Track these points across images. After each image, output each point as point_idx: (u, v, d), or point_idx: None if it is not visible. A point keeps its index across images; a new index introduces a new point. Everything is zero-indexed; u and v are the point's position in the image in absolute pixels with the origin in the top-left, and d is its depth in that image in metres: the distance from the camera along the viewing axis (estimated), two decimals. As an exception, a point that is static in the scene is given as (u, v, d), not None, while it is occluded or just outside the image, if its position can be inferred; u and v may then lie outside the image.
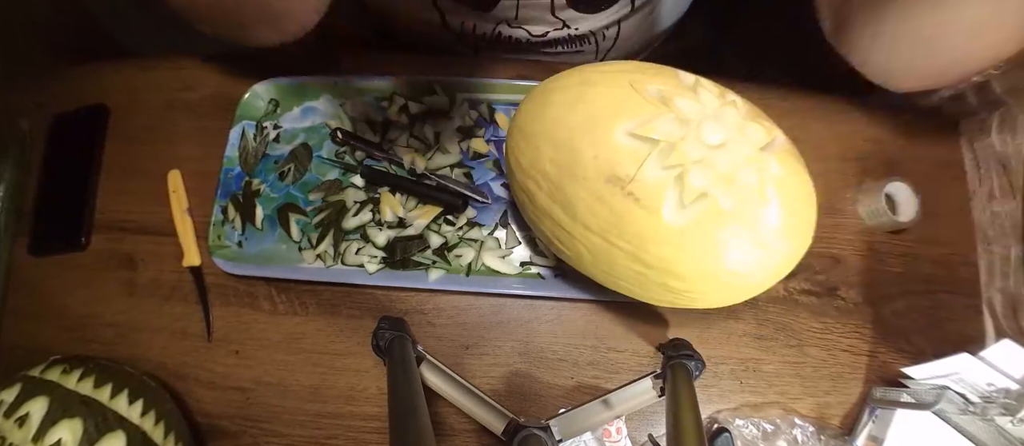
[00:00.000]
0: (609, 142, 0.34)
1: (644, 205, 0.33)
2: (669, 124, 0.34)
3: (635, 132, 0.34)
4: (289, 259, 0.50)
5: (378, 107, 0.54)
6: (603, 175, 0.34)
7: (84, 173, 0.55)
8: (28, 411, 0.39)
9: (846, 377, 0.47)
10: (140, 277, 0.52)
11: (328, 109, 0.54)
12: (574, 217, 0.36)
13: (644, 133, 0.34)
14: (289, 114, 0.55)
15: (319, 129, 0.54)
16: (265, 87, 0.54)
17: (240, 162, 0.53)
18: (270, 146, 0.54)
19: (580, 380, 0.48)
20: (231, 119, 0.54)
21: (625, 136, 0.34)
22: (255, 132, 0.54)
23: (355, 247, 0.49)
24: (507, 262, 0.49)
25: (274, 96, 0.55)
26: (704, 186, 0.33)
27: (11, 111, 0.59)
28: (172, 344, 0.50)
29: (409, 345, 0.41)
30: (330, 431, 0.47)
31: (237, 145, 0.53)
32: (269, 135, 0.54)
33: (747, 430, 0.45)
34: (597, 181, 0.34)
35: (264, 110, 0.55)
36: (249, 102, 0.54)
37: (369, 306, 0.50)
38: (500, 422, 0.41)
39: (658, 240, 0.33)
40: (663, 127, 0.34)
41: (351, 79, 0.54)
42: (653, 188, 0.33)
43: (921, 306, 0.49)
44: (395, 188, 0.51)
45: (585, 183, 0.35)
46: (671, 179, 0.33)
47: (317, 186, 0.52)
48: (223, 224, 0.51)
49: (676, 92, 0.35)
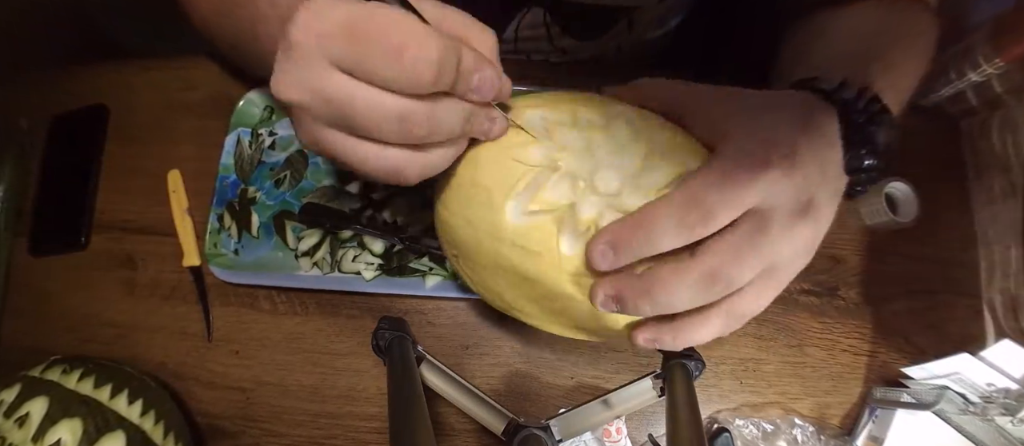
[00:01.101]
0: (504, 227, 0.29)
1: (539, 252, 0.29)
2: (559, 187, 0.29)
3: (529, 210, 0.29)
4: (286, 266, 0.49)
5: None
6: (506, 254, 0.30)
7: (84, 173, 0.55)
8: (28, 411, 0.39)
9: (846, 377, 0.47)
10: (140, 277, 0.52)
11: None
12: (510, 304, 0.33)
13: (539, 207, 0.29)
14: (284, 121, 0.54)
15: None
16: (259, 94, 0.54)
17: (236, 170, 0.53)
18: (265, 153, 0.53)
19: (580, 380, 0.48)
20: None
21: (521, 216, 0.29)
22: (250, 139, 0.54)
23: (352, 254, 0.49)
24: None
25: (269, 103, 0.54)
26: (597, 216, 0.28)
27: (11, 111, 0.59)
28: (172, 344, 0.50)
29: (409, 345, 0.41)
30: (330, 431, 0.47)
31: (232, 152, 0.53)
32: (264, 142, 0.54)
33: (747, 430, 0.45)
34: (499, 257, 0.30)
35: (259, 117, 0.54)
36: (244, 109, 0.54)
37: (369, 306, 0.50)
38: (500, 422, 0.41)
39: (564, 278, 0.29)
40: (553, 192, 0.29)
41: None
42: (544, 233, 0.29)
43: (921, 306, 0.49)
44: (335, 228, 0.50)
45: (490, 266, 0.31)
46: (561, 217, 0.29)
47: (312, 193, 0.52)
48: (219, 232, 0.51)
49: (565, 139, 0.30)
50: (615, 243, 0.26)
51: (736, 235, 0.26)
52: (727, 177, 0.25)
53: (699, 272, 0.26)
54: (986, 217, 0.49)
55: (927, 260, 0.49)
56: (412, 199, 0.50)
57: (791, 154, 0.26)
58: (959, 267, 0.49)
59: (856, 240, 0.50)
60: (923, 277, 0.49)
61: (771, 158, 0.26)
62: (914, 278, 0.49)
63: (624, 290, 0.27)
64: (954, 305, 0.48)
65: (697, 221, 0.25)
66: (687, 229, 0.25)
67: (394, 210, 0.50)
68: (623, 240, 0.26)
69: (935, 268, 0.49)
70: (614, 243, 0.26)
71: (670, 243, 0.26)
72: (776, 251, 0.26)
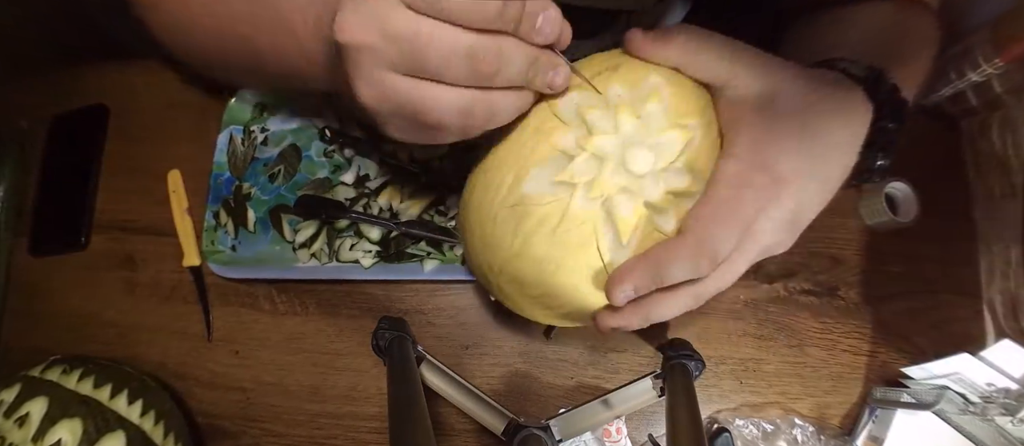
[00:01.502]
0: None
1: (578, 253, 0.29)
2: (585, 163, 0.29)
3: (555, 180, 0.29)
4: (284, 260, 0.50)
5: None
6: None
7: (84, 173, 0.55)
8: (28, 411, 0.39)
9: (846, 377, 0.47)
10: (140, 277, 0.52)
11: (315, 109, 0.54)
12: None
13: (561, 179, 0.29)
14: (276, 117, 0.55)
15: (306, 130, 0.54)
16: (250, 91, 0.54)
17: (229, 167, 0.53)
18: (258, 149, 0.54)
19: (580, 380, 0.48)
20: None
21: (545, 184, 0.29)
22: (243, 136, 0.54)
23: (349, 243, 0.49)
24: None
25: (260, 100, 0.55)
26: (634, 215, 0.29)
27: (11, 111, 0.59)
28: (172, 344, 0.50)
29: (409, 345, 0.41)
30: (330, 431, 0.47)
31: (225, 150, 0.53)
32: (257, 139, 0.54)
33: (747, 430, 0.45)
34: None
35: (251, 114, 0.55)
36: (235, 107, 0.54)
37: (369, 306, 0.50)
38: (500, 422, 0.41)
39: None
40: (581, 168, 0.29)
41: None
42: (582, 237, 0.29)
43: (921, 306, 0.49)
44: (331, 218, 0.50)
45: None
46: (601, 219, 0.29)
47: (307, 184, 0.52)
48: (216, 229, 0.51)
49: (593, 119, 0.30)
50: (638, 288, 0.27)
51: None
52: (731, 212, 0.27)
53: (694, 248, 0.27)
54: (986, 217, 0.49)
55: (927, 260, 0.49)
56: (406, 186, 0.51)
57: (788, 176, 0.27)
58: (959, 267, 0.49)
59: (856, 240, 0.50)
60: (923, 277, 0.49)
61: (767, 183, 0.27)
62: (914, 278, 0.49)
63: (639, 281, 0.28)
64: (954, 305, 0.48)
65: (708, 265, 0.27)
66: (699, 270, 0.27)
67: (389, 197, 0.50)
68: (642, 286, 0.27)
69: (935, 268, 0.49)
70: (637, 288, 0.27)
71: (681, 279, 0.27)
72: (759, 242, 0.28)
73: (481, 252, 0.33)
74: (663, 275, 0.27)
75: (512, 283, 0.32)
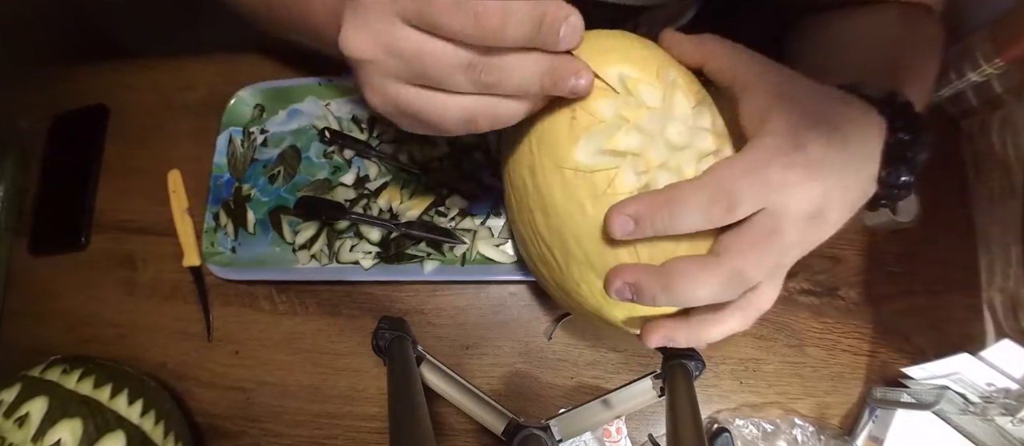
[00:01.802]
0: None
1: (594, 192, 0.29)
2: (630, 135, 0.29)
3: (604, 148, 0.29)
4: (284, 261, 0.50)
5: (364, 105, 0.54)
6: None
7: (84, 173, 0.55)
8: (28, 411, 0.39)
9: (846, 377, 0.47)
10: (140, 277, 0.52)
11: (314, 110, 0.54)
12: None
13: (613, 148, 0.29)
14: (275, 118, 0.55)
15: (306, 131, 0.54)
16: (249, 92, 0.54)
17: (229, 168, 0.53)
18: (258, 151, 0.54)
19: (580, 380, 0.48)
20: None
21: (593, 155, 0.29)
22: (242, 138, 0.54)
23: (349, 244, 0.49)
24: (502, 251, 0.48)
25: (259, 101, 0.55)
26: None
27: (11, 111, 0.59)
28: (172, 344, 0.50)
29: (409, 345, 0.41)
30: (330, 431, 0.47)
31: (225, 152, 0.53)
32: (256, 140, 0.54)
33: (747, 430, 0.45)
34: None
35: (250, 116, 0.55)
36: (234, 108, 0.54)
37: (369, 306, 0.50)
38: (500, 422, 0.41)
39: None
40: (625, 140, 0.29)
41: (335, 79, 0.54)
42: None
43: (921, 306, 0.48)
44: (331, 219, 0.49)
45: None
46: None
47: (307, 186, 0.52)
48: (215, 231, 0.51)
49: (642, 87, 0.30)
50: (638, 216, 0.26)
51: (755, 234, 0.26)
52: (758, 172, 0.26)
53: (726, 272, 0.26)
54: (986, 217, 0.49)
55: (927, 260, 0.49)
56: (406, 186, 0.51)
57: (820, 162, 0.26)
58: (959, 267, 0.49)
59: (856, 240, 0.50)
60: (923, 277, 0.49)
61: (799, 162, 0.26)
62: (914, 278, 0.49)
63: (643, 279, 0.26)
64: (954, 305, 0.48)
65: (722, 212, 0.25)
66: (711, 217, 0.26)
67: (388, 198, 0.50)
68: (647, 215, 0.26)
69: (935, 268, 0.49)
70: (637, 216, 0.26)
71: (691, 226, 0.26)
72: (787, 253, 0.27)
73: (563, 226, 0.31)
74: (673, 211, 0.26)
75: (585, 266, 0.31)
